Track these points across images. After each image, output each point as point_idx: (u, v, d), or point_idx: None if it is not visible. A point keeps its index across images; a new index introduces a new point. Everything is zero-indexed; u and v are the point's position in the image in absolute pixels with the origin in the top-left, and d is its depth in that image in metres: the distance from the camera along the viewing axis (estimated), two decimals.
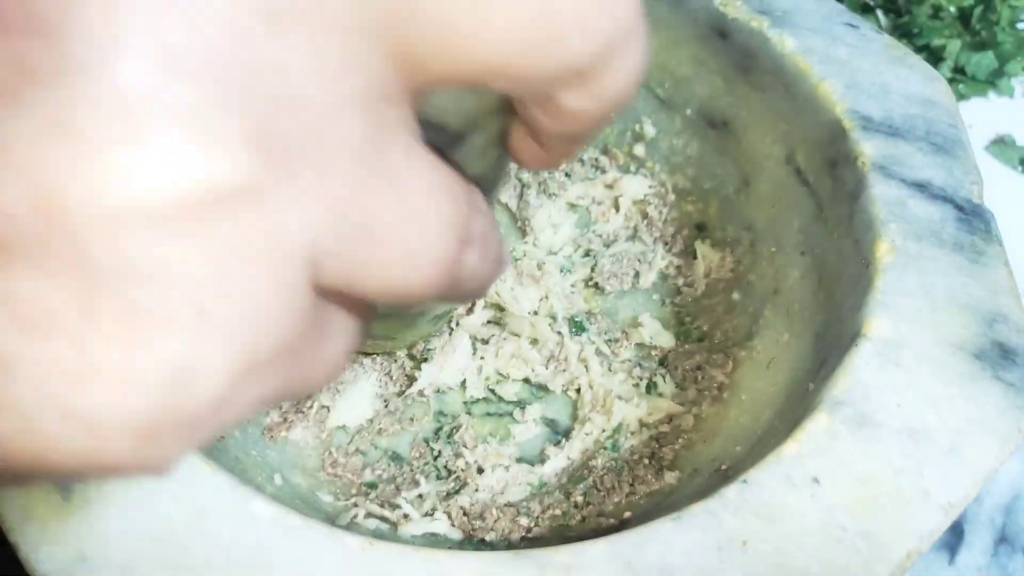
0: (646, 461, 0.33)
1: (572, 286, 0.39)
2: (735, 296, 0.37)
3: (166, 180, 0.12)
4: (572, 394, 0.36)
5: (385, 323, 0.31)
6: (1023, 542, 0.39)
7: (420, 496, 0.32)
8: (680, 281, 0.38)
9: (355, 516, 0.31)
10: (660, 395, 0.36)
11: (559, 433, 0.35)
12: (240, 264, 0.13)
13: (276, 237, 0.13)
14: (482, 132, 0.21)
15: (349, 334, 0.17)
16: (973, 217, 0.30)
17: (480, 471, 0.33)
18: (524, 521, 0.32)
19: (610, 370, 0.36)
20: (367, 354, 0.36)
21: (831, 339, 0.30)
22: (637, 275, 0.39)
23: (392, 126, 0.15)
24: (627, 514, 0.31)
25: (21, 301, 0.12)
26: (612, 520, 0.31)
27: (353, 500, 0.32)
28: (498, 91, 0.17)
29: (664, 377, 0.36)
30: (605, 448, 0.34)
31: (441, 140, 0.19)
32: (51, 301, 0.12)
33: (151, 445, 0.13)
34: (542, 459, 0.34)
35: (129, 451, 0.13)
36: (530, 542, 0.31)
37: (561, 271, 0.39)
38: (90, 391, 0.12)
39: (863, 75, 0.33)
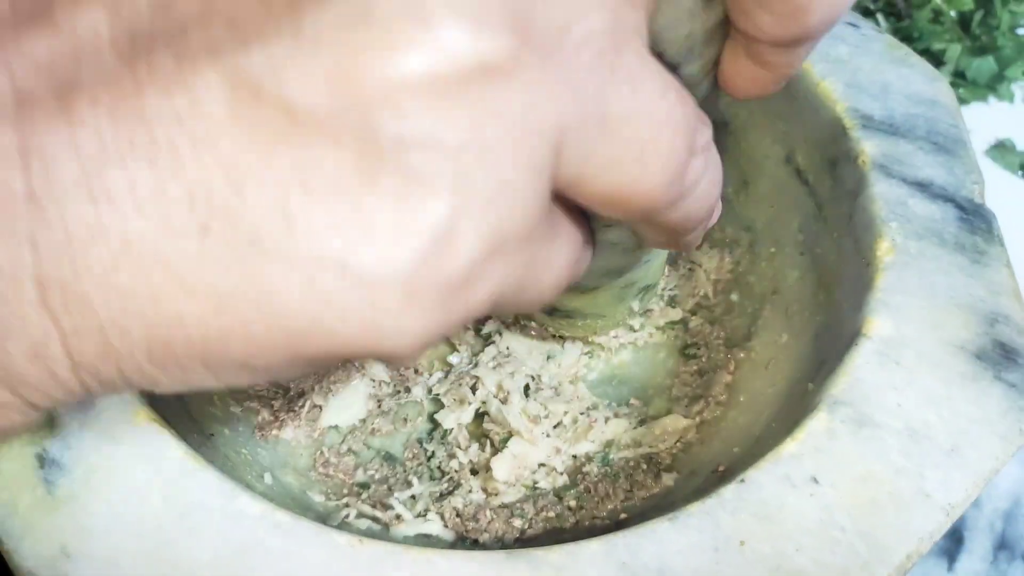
0: (644, 466, 0.33)
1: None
2: (734, 297, 0.36)
3: (441, 55, 0.13)
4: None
5: (595, 299, 0.32)
6: (1023, 548, 0.39)
7: (413, 497, 0.32)
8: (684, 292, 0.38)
9: (346, 516, 0.31)
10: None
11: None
12: (498, 134, 0.14)
13: (530, 113, 0.14)
14: (697, 60, 0.20)
15: (575, 244, 0.18)
16: (974, 217, 0.29)
17: (474, 472, 0.33)
18: (518, 523, 0.31)
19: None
20: (571, 338, 0.36)
21: (830, 339, 0.29)
22: None
23: (631, 29, 0.16)
24: (623, 516, 0.31)
25: (311, 167, 0.13)
26: (608, 521, 0.31)
27: (345, 500, 0.32)
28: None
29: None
30: (592, 460, 0.33)
31: None
32: (336, 165, 0.13)
33: (412, 306, 0.14)
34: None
35: (395, 310, 0.14)
36: (524, 543, 0.30)
37: None
38: (365, 245, 0.14)
39: (864, 74, 0.32)
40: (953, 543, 0.39)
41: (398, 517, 0.31)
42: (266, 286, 0.14)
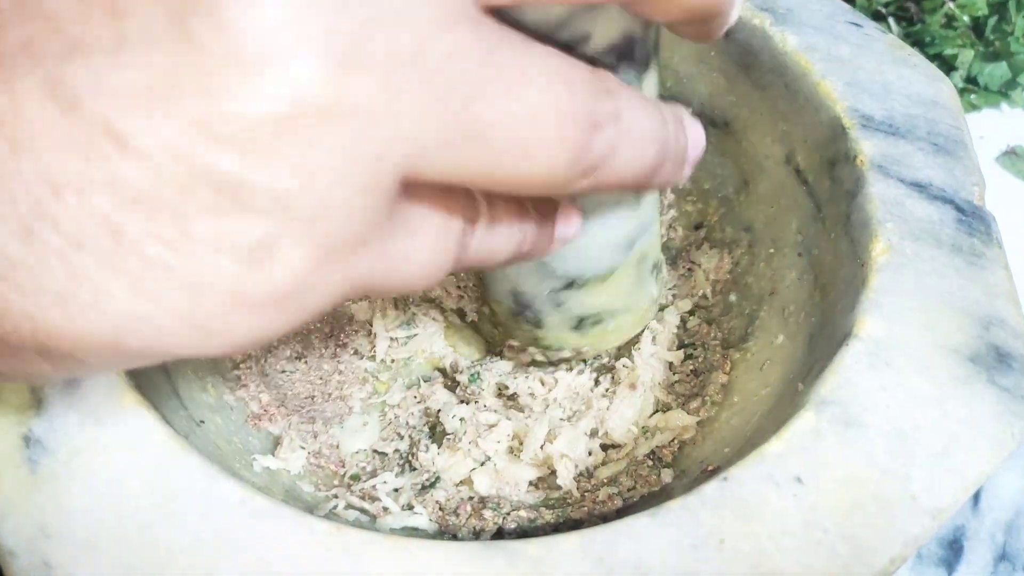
0: (649, 462, 0.33)
1: None
2: (732, 298, 0.36)
3: (265, 98, 0.14)
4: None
5: (617, 286, 0.31)
6: None
7: (396, 490, 0.32)
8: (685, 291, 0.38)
9: (335, 507, 0.31)
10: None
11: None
12: (323, 166, 0.15)
13: (360, 145, 0.15)
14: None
15: (438, 234, 0.19)
16: (973, 219, 0.29)
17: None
18: (492, 517, 0.31)
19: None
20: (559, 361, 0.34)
21: (824, 340, 0.29)
22: None
23: (496, 30, 0.16)
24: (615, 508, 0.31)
25: (127, 182, 0.14)
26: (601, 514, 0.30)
27: (334, 491, 0.32)
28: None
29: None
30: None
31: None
32: (154, 181, 0.14)
33: (241, 311, 0.15)
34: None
35: (221, 313, 0.15)
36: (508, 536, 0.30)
37: None
38: (186, 254, 0.14)
39: (865, 74, 0.32)
40: (952, 553, 0.38)
41: (385, 509, 0.31)
42: (93, 285, 0.14)
